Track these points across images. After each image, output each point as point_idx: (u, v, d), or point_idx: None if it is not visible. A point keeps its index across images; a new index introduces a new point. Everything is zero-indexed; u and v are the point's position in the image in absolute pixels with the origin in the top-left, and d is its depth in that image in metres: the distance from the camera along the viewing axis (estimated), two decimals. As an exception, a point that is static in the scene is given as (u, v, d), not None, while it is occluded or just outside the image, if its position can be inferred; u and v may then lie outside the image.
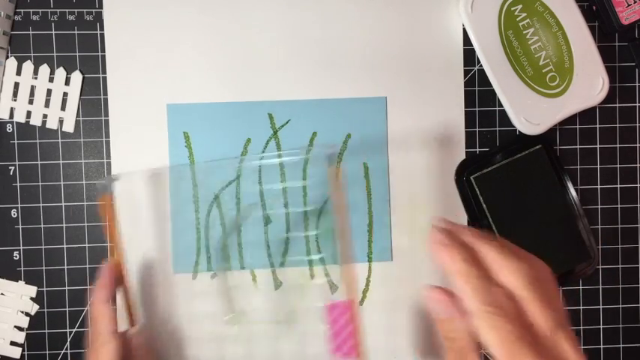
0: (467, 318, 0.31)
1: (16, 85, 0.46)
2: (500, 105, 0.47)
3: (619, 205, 0.49)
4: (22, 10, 0.46)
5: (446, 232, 0.33)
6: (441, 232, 0.33)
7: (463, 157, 0.48)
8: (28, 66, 0.46)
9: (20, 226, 0.46)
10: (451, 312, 0.32)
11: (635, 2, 0.47)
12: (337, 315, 0.40)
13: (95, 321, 0.39)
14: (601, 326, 0.49)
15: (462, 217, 0.48)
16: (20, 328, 0.46)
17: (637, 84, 0.49)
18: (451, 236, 0.32)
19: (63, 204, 0.46)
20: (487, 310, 0.30)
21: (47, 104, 0.46)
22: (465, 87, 0.48)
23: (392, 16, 0.47)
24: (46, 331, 0.46)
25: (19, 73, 0.46)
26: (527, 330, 0.30)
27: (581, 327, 0.49)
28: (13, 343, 0.46)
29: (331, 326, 0.40)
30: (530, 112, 0.46)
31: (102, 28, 0.46)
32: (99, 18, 0.46)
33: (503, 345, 0.29)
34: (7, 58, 0.46)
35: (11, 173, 0.46)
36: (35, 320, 0.46)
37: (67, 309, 0.46)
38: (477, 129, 0.48)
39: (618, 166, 0.49)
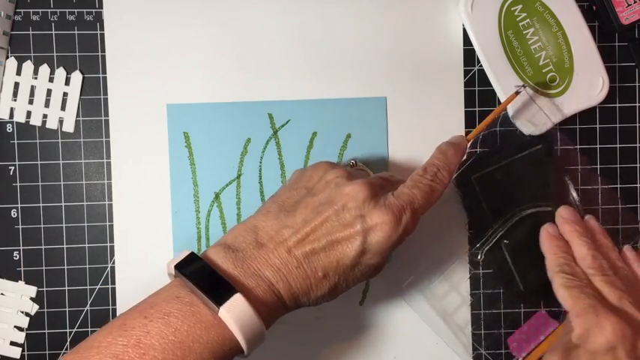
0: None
1: (16, 85, 0.46)
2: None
3: (619, 206, 0.49)
4: (22, 10, 0.46)
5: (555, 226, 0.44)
6: (552, 225, 0.45)
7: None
8: (28, 66, 0.46)
9: (20, 226, 0.46)
10: None
11: (635, 2, 0.47)
12: (538, 324, 0.45)
13: (442, 169, 0.39)
14: (601, 326, 0.49)
15: (462, 217, 0.48)
16: (20, 328, 0.46)
17: (637, 84, 0.49)
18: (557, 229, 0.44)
19: (63, 204, 0.46)
20: (563, 274, 0.41)
21: (47, 104, 0.46)
22: (465, 87, 0.48)
23: (392, 16, 0.47)
24: (46, 331, 0.46)
25: (19, 73, 0.46)
26: (595, 291, 0.40)
27: (581, 327, 0.49)
28: (13, 343, 0.46)
29: (527, 328, 0.45)
30: (530, 112, 0.46)
31: (102, 28, 0.46)
32: (99, 18, 0.46)
33: (570, 296, 0.39)
34: (7, 58, 0.46)
35: (11, 173, 0.46)
36: (35, 320, 0.46)
37: (67, 309, 0.46)
38: (477, 129, 0.48)
39: (618, 166, 0.49)
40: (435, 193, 0.38)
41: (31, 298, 0.46)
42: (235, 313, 0.32)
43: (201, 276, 0.34)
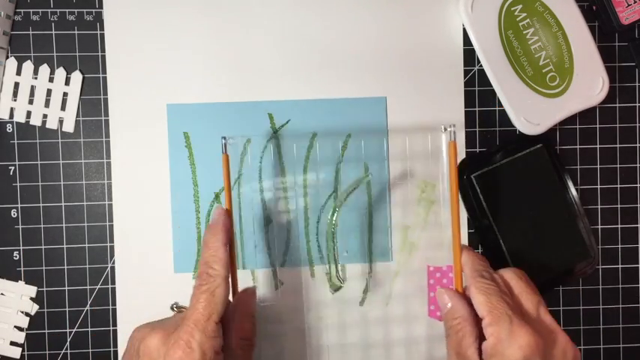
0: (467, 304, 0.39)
1: (16, 85, 0.46)
2: (500, 105, 0.47)
3: (619, 205, 0.49)
4: (22, 10, 0.46)
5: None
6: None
7: (463, 156, 0.48)
8: (28, 66, 0.46)
9: (20, 226, 0.46)
10: (453, 295, 0.40)
11: (635, 2, 0.47)
12: (437, 279, 0.43)
13: (210, 264, 0.37)
14: (601, 326, 0.49)
15: (463, 216, 0.48)
16: (20, 328, 0.46)
17: (637, 84, 0.49)
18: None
19: (63, 204, 0.46)
20: (481, 280, 0.38)
21: (47, 104, 0.46)
22: (465, 87, 0.48)
23: (392, 16, 0.47)
24: (46, 331, 0.46)
25: (19, 73, 0.46)
26: (511, 299, 0.38)
27: (581, 327, 0.49)
28: (13, 343, 0.46)
29: (430, 289, 0.43)
30: (530, 112, 0.46)
31: (102, 28, 0.46)
32: (99, 18, 0.46)
33: (488, 302, 0.37)
34: (7, 58, 0.46)
35: (11, 173, 0.46)
36: (35, 320, 0.46)
37: (67, 309, 0.46)
38: (477, 129, 0.48)
39: (618, 166, 0.49)
40: None
41: (31, 298, 0.46)
42: None
43: None
